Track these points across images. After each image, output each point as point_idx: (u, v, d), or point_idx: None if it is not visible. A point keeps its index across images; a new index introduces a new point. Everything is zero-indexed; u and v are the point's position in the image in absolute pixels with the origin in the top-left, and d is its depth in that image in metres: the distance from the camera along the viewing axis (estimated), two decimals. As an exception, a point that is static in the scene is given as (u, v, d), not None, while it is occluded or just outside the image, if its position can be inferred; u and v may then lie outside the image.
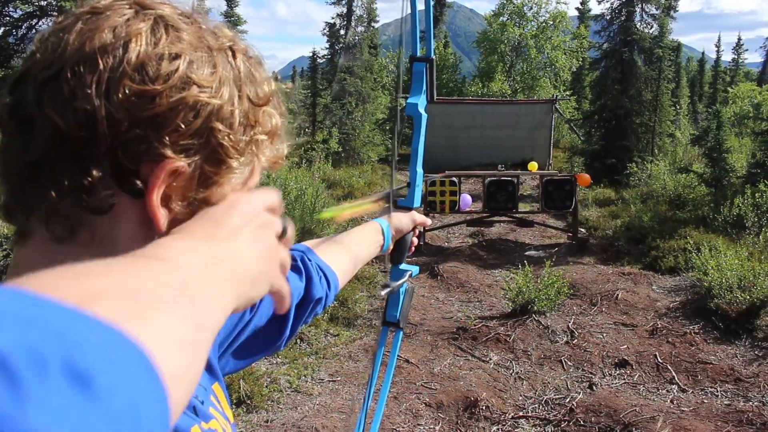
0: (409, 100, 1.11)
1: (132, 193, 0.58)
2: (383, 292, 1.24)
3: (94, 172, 0.56)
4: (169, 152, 0.57)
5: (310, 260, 1.12)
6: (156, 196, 0.58)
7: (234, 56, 0.63)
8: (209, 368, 0.80)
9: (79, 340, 0.32)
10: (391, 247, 1.33)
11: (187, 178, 0.60)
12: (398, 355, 5.54)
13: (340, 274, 1.19)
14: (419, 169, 1.21)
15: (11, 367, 0.29)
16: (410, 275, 1.30)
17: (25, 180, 0.57)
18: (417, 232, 1.37)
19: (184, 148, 0.58)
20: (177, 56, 0.57)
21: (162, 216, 0.59)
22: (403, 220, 1.34)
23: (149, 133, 0.56)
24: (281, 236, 0.59)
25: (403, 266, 1.33)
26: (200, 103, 0.58)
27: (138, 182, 0.57)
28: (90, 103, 0.54)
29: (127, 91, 0.55)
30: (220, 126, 0.60)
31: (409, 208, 1.29)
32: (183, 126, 0.58)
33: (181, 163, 0.58)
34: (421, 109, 1.08)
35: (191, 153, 0.59)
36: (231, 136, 0.61)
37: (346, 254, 1.23)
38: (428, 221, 1.38)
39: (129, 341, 0.35)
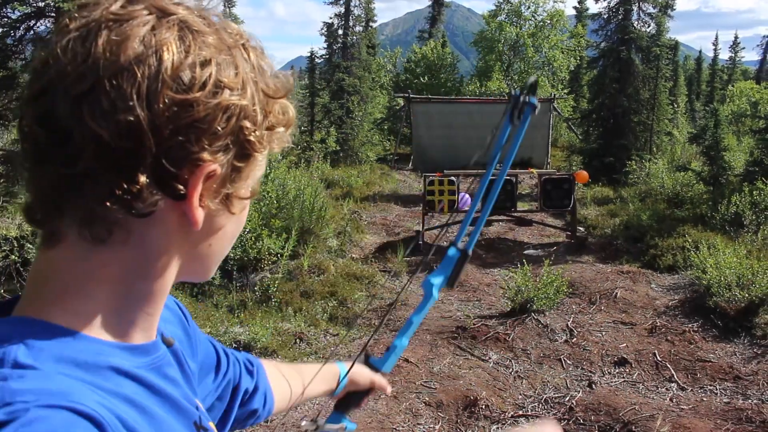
0: (430, 277, 1.09)
1: (173, 196, 0.60)
2: (310, 427, 1.19)
3: (141, 180, 0.57)
4: (206, 155, 0.60)
5: (259, 375, 1.13)
6: (196, 199, 0.61)
7: (247, 52, 0.65)
8: (192, 386, 0.81)
9: None
10: (342, 394, 1.28)
11: (221, 177, 0.63)
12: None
13: (276, 402, 1.19)
14: (405, 341, 1.16)
15: None
16: (344, 429, 1.23)
17: (65, 190, 0.58)
18: (371, 393, 1.32)
19: (218, 150, 0.61)
20: (208, 62, 0.59)
21: (200, 216, 0.62)
22: (364, 376, 1.28)
23: (189, 138, 0.59)
24: None
25: (345, 419, 1.26)
26: (232, 106, 0.61)
27: (180, 186, 0.60)
28: (133, 114, 0.55)
29: (167, 101, 0.57)
30: (247, 123, 0.63)
31: (377, 370, 1.24)
32: (219, 129, 0.60)
33: (216, 164, 0.61)
34: (435, 291, 1.07)
35: (224, 153, 0.62)
36: (257, 132, 0.64)
37: (290, 389, 1.22)
38: (388, 389, 1.33)
39: None
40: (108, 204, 0.57)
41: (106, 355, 0.61)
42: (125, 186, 0.57)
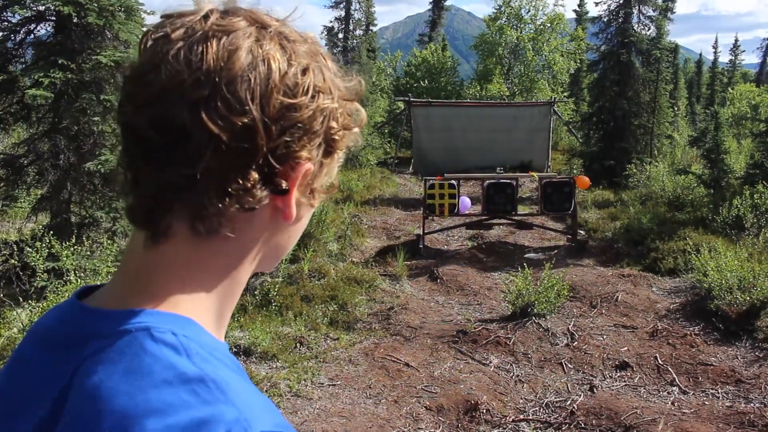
0: None
1: (277, 192, 0.66)
2: None
3: (254, 176, 0.63)
4: (305, 154, 0.66)
5: None
6: (295, 194, 0.68)
7: (325, 59, 0.71)
8: None
9: None
10: None
11: (313, 173, 0.69)
12: (398, 359, 5.55)
13: None
14: None
15: None
16: None
17: (180, 187, 0.62)
18: None
19: (314, 148, 0.68)
20: (307, 69, 0.66)
21: (295, 210, 0.69)
22: None
23: (293, 138, 0.65)
24: None
25: None
26: (326, 109, 0.67)
27: (283, 182, 0.66)
28: (249, 116, 0.61)
29: (277, 104, 0.63)
30: (334, 124, 0.69)
31: None
32: (316, 129, 0.67)
33: (311, 162, 0.68)
34: None
35: (318, 151, 0.69)
36: (340, 132, 0.71)
37: None
38: None
39: None
40: (224, 199, 0.62)
41: (225, 350, 0.66)
42: (239, 182, 0.62)
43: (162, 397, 0.55)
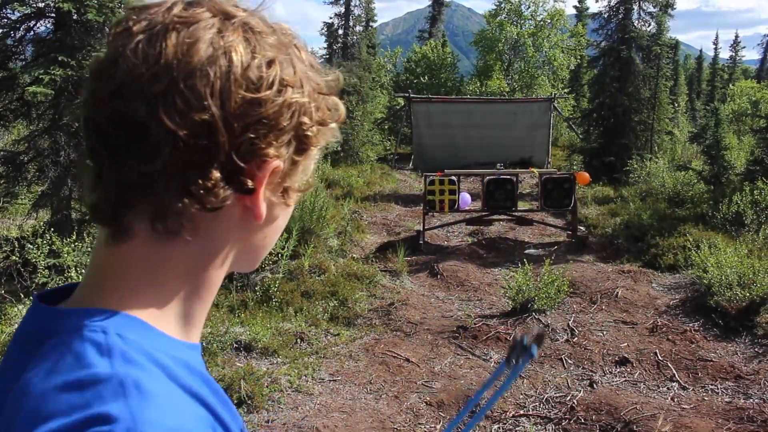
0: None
1: (242, 191, 0.63)
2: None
3: (215, 175, 0.60)
4: (272, 151, 0.63)
5: None
6: (262, 193, 0.64)
7: (300, 51, 0.68)
8: None
9: None
10: None
11: (283, 171, 0.66)
12: (398, 354, 5.56)
13: None
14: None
15: None
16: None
17: (139, 185, 0.60)
18: None
19: (282, 145, 0.64)
20: (272, 62, 0.63)
21: (264, 210, 0.66)
22: None
23: (257, 135, 0.62)
24: None
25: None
26: (294, 103, 0.64)
27: (248, 181, 0.63)
28: (208, 112, 0.58)
29: (239, 99, 0.60)
30: (306, 120, 0.66)
31: None
32: (284, 125, 0.64)
33: (280, 160, 0.65)
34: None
35: (287, 148, 0.65)
36: (313, 127, 0.67)
37: None
38: None
39: None
40: (183, 199, 0.60)
41: (181, 352, 0.63)
42: (200, 182, 0.60)
43: (68, 399, 0.53)
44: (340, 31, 20.02)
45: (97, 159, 0.62)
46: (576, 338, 5.97)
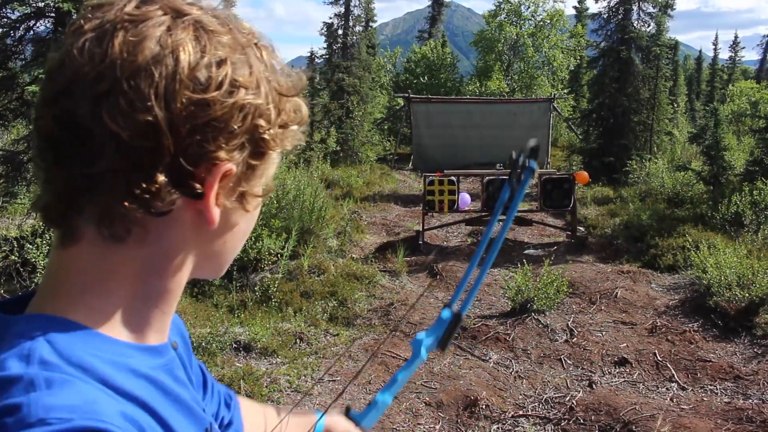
0: (419, 335, 1.05)
1: (191, 195, 0.61)
2: None
3: (160, 179, 0.58)
4: (223, 154, 0.61)
5: (236, 412, 1.11)
6: (213, 197, 0.62)
7: (260, 51, 0.66)
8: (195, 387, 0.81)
9: None
10: None
11: (236, 175, 0.64)
12: (397, 355, 5.56)
13: None
14: (389, 398, 1.12)
15: None
16: None
17: (85, 188, 0.59)
18: None
19: (234, 148, 0.62)
20: (223, 61, 0.60)
21: (216, 214, 0.63)
22: (341, 426, 1.26)
23: (206, 137, 0.59)
24: None
25: None
26: (247, 105, 0.62)
27: (197, 185, 0.61)
28: (152, 113, 0.56)
29: (185, 100, 0.57)
30: (262, 122, 0.64)
31: (357, 423, 1.21)
32: (235, 128, 0.61)
33: (233, 163, 0.62)
34: (423, 350, 1.03)
35: (240, 152, 0.63)
36: (271, 130, 0.65)
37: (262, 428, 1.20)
38: None
39: None
40: (127, 203, 0.58)
41: (125, 356, 0.62)
42: (144, 185, 0.58)
43: None
44: (340, 32, 20.01)
45: (44, 160, 0.60)
46: (575, 338, 5.97)
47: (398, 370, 1.06)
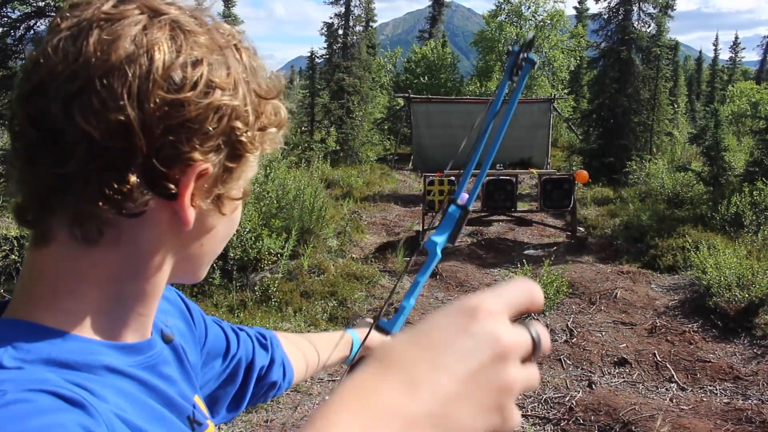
0: (432, 236, 1.07)
1: (165, 196, 0.60)
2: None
3: (132, 179, 0.57)
4: (197, 155, 0.60)
5: (275, 346, 1.13)
6: (187, 198, 0.61)
7: (239, 53, 0.65)
8: (191, 381, 0.81)
9: None
10: (356, 360, 1.30)
11: (212, 177, 0.63)
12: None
13: (296, 372, 1.18)
14: (413, 301, 1.15)
15: None
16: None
17: (56, 189, 0.58)
18: None
19: (210, 150, 0.61)
20: (199, 62, 0.59)
21: (191, 216, 0.62)
22: (376, 340, 1.29)
23: (180, 138, 0.58)
24: (533, 351, 0.48)
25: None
26: (223, 106, 0.61)
27: (171, 186, 0.60)
28: (124, 113, 0.55)
29: (158, 100, 0.57)
30: (239, 124, 0.63)
31: (386, 332, 1.23)
32: (210, 129, 0.60)
33: (208, 164, 0.61)
34: (438, 250, 1.05)
35: (216, 153, 0.62)
36: (248, 132, 0.64)
37: (306, 358, 1.22)
38: None
39: None
40: (99, 204, 0.57)
41: (97, 354, 0.61)
42: (116, 186, 0.57)
43: None
44: (340, 31, 20.02)
45: (18, 159, 0.60)
46: (575, 339, 5.97)
47: (418, 274, 1.10)
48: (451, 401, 0.43)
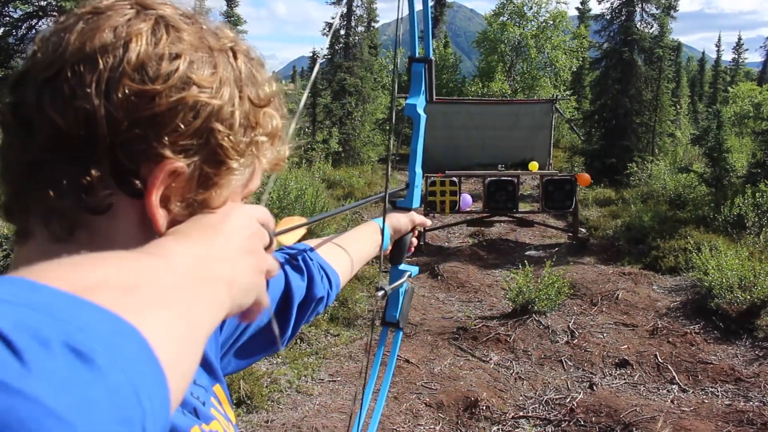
0: (408, 101, 1.07)
1: (131, 193, 0.58)
2: (379, 294, 1.25)
3: (93, 172, 0.56)
4: (168, 152, 0.57)
5: (311, 259, 1.13)
6: (155, 197, 0.58)
7: (235, 57, 0.63)
8: (210, 369, 0.80)
9: (80, 324, 0.33)
10: (390, 247, 1.33)
11: (186, 179, 0.60)
12: (398, 355, 5.54)
13: (341, 273, 1.20)
14: (418, 170, 1.19)
15: (14, 343, 0.30)
16: (409, 276, 1.31)
17: (25, 179, 0.58)
18: (416, 232, 1.37)
19: (183, 149, 0.58)
20: (177, 56, 0.57)
21: (161, 216, 0.59)
22: (401, 220, 1.34)
23: (149, 132, 0.56)
24: (268, 248, 0.64)
25: (402, 267, 1.33)
26: (200, 104, 0.58)
27: (137, 182, 0.57)
28: (89, 102, 0.54)
29: (126, 91, 0.55)
30: (220, 127, 0.60)
31: (407, 209, 1.27)
32: (182, 126, 0.57)
33: (181, 163, 0.58)
34: (420, 110, 1.05)
35: (191, 153, 0.59)
36: (231, 137, 0.61)
37: (345, 254, 1.24)
38: (428, 222, 1.38)
39: (129, 327, 0.36)
40: (55, 195, 0.56)
41: None
42: (76, 177, 0.56)
43: None
44: (342, 32, 20.02)
45: (1, 152, 0.60)
46: (576, 340, 5.96)
47: (411, 144, 1.12)
48: (233, 257, 0.54)
